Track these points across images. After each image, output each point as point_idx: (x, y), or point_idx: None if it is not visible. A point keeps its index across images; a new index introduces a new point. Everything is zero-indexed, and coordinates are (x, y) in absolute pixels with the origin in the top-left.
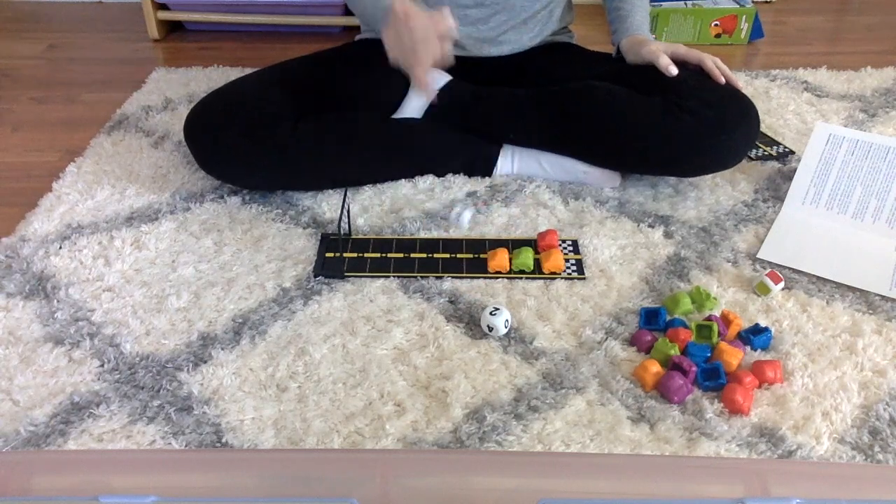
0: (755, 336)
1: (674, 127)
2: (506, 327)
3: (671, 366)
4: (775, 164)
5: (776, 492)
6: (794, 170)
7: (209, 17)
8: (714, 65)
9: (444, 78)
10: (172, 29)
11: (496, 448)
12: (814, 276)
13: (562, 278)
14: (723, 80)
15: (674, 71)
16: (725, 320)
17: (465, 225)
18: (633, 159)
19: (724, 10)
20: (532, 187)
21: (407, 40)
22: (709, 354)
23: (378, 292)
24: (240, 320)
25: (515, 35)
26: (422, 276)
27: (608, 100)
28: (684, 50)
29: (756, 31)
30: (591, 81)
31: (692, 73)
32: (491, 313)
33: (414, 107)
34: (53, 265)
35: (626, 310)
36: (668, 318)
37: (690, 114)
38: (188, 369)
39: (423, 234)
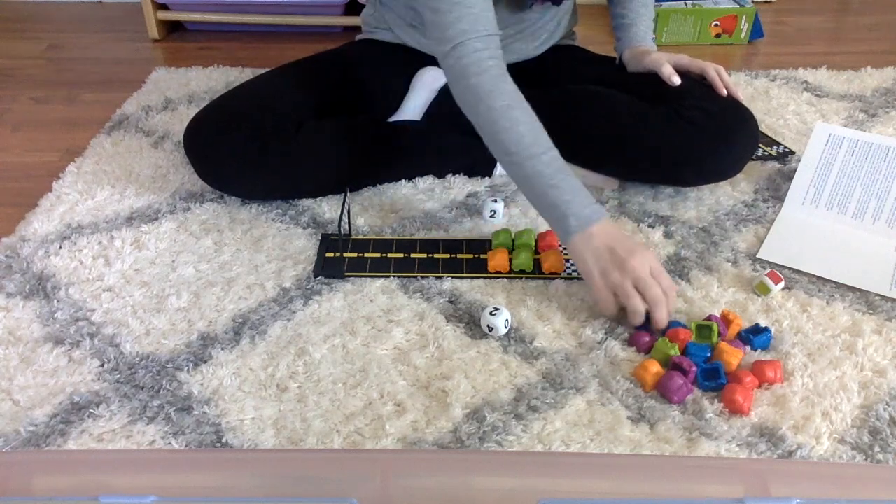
0: (755, 336)
1: (674, 135)
2: (506, 327)
3: (671, 366)
4: (775, 164)
5: (776, 492)
6: (794, 170)
7: (209, 17)
8: (717, 75)
9: (444, 78)
10: (172, 29)
11: (496, 448)
12: (814, 276)
13: (562, 278)
14: (724, 92)
15: (676, 81)
16: (725, 320)
17: (501, 217)
18: (631, 166)
19: (724, 10)
20: None
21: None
22: (709, 354)
23: (378, 292)
24: (240, 320)
25: (522, 45)
26: (422, 276)
27: (608, 105)
28: (687, 60)
29: (756, 31)
30: (591, 87)
31: (695, 82)
32: (491, 313)
33: (413, 108)
34: (53, 265)
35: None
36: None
37: (691, 123)
38: (188, 369)
39: (423, 234)
